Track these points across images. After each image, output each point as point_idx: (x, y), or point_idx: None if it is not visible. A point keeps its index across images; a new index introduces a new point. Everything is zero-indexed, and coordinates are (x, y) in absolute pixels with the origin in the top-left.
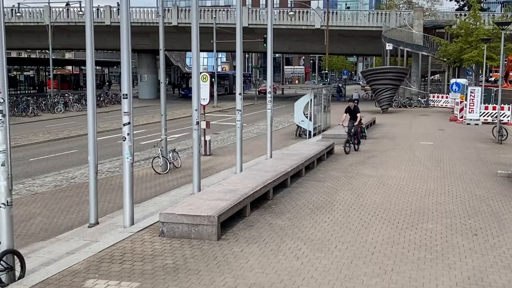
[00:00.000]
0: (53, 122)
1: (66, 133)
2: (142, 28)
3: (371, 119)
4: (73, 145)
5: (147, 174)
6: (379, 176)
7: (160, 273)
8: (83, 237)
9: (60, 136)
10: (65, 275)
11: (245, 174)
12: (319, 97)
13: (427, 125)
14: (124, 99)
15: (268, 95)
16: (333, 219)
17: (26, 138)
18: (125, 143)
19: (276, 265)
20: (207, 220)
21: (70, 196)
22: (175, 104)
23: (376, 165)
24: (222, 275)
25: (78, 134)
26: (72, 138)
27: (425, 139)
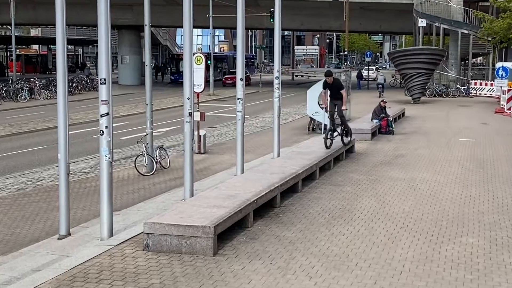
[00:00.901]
0: (15, 112)
1: (31, 125)
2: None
3: (400, 111)
4: (40, 140)
5: (129, 176)
6: (409, 179)
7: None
8: (51, 251)
9: (24, 129)
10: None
11: (247, 176)
12: None
13: (468, 118)
14: (102, 85)
15: (276, 81)
16: (353, 231)
17: None
18: (102, 137)
19: (284, 285)
20: (201, 231)
21: (36, 201)
22: (163, 91)
23: (405, 166)
24: None
25: (46, 127)
26: (38, 131)
27: (465, 135)
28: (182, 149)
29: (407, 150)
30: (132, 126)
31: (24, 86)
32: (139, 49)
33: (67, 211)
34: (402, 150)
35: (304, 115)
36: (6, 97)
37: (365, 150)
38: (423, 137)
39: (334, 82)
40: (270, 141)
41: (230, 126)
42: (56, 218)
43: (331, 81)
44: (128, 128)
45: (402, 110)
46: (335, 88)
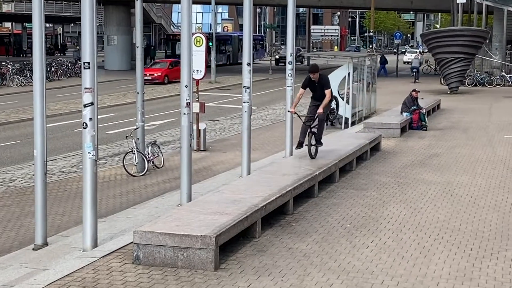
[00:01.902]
0: None
1: (2, 117)
2: None
3: (434, 102)
4: (12, 134)
5: (116, 176)
6: (445, 183)
7: None
8: (25, 263)
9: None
10: None
11: (255, 178)
12: (361, 71)
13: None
14: (86, 70)
15: (289, 66)
16: (378, 243)
17: None
18: (86, 131)
19: None
20: (201, 242)
21: (8, 205)
22: None
23: (440, 168)
24: None
25: (20, 119)
26: (10, 124)
27: (510, 132)
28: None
29: (442, 148)
30: (120, 118)
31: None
32: (128, 28)
33: (44, 217)
34: (437, 148)
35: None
36: None
37: (393, 148)
38: (461, 133)
39: (321, 80)
40: (281, 137)
41: (234, 119)
42: (31, 225)
43: (316, 78)
44: (116, 120)
45: (437, 101)
46: (320, 88)
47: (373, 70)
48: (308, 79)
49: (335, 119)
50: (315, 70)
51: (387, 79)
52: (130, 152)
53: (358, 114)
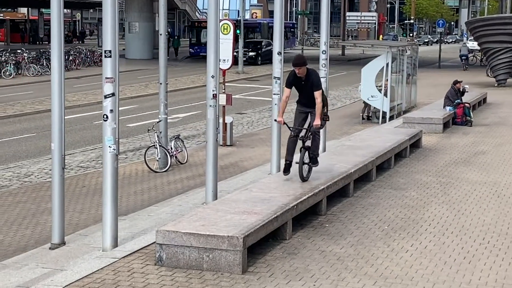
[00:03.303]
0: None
1: (17, 108)
2: None
3: (480, 96)
4: (28, 126)
5: (137, 172)
6: (491, 183)
7: None
8: (42, 264)
9: (8, 113)
10: None
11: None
12: (400, 61)
13: None
14: (107, 59)
15: (322, 55)
16: (418, 247)
17: None
18: (106, 124)
19: None
20: (228, 243)
21: (23, 202)
22: (179, 67)
23: (486, 167)
24: None
25: (36, 110)
26: (26, 115)
27: None
28: (203, 140)
29: (489, 146)
30: (141, 110)
31: (9, 59)
32: (151, 15)
33: (62, 215)
34: (483, 145)
35: (357, 100)
36: None
37: (435, 145)
38: (509, 130)
39: (309, 77)
40: None
41: (263, 112)
42: (48, 223)
43: (303, 73)
44: (137, 113)
45: (483, 95)
46: (309, 87)
47: (414, 61)
48: (293, 75)
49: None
50: (301, 62)
51: (429, 71)
52: (152, 147)
53: (396, 108)
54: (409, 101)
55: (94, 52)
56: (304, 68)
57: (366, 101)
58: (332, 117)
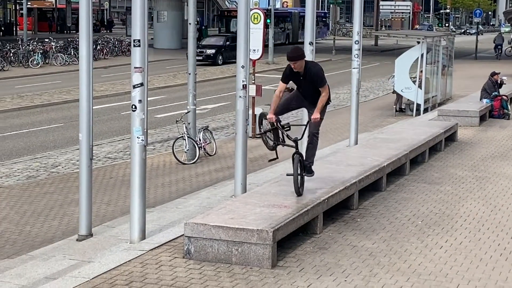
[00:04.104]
0: (26, 80)
1: (45, 97)
2: None
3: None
4: (55, 116)
5: (165, 164)
6: None
7: None
8: (69, 255)
9: (36, 103)
10: None
11: (316, 169)
12: (435, 52)
13: None
14: (136, 48)
15: (355, 45)
16: (453, 243)
17: None
18: (135, 114)
19: None
20: (257, 237)
21: (51, 192)
22: None
23: None
24: None
25: (64, 100)
26: (54, 105)
27: None
28: (232, 131)
29: None
30: (169, 101)
31: (36, 48)
32: (180, 3)
33: (89, 206)
34: None
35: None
36: (15, 62)
37: (470, 138)
38: None
39: (308, 72)
40: (345, 124)
41: None
42: (75, 214)
43: (301, 68)
44: (165, 103)
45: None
46: (309, 83)
47: (450, 52)
48: (290, 69)
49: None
50: (297, 56)
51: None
52: (180, 138)
53: (431, 100)
54: (444, 93)
55: (122, 42)
56: (301, 62)
57: (400, 93)
58: (364, 109)
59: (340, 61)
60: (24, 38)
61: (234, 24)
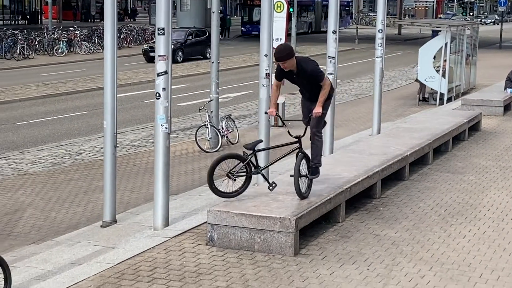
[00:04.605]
0: (51, 68)
1: (70, 85)
2: None
3: None
4: (80, 104)
5: (188, 152)
6: None
7: None
8: (94, 241)
9: (61, 90)
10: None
11: (338, 158)
12: (459, 41)
13: None
14: (160, 36)
15: (379, 34)
16: (477, 232)
17: (11, 92)
18: (159, 102)
19: None
20: (280, 225)
21: (75, 179)
22: (231, 46)
23: None
24: None
25: (88, 88)
26: (78, 93)
27: None
28: (255, 120)
29: None
30: (192, 89)
31: (61, 37)
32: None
33: (113, 193)
34: None
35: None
36: (40, 50)
37: (494, 128)
38: None
39: (301, 68)
40: (367, 113)
41: None
42: (99, 201)
43: (292, 67)
44: (188, 92)
45: None
46: (304, 80)
47: (474, 41)
48: (280, 68)
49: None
50: (285, 56)
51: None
52: (203, 126)
53: (455, 90)
54: (468, 82)
55: (146, 30)
56: (290, 61)
57: (423, 82)
58: (387, 98)
59: (363, 50)
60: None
61: (257, 13)
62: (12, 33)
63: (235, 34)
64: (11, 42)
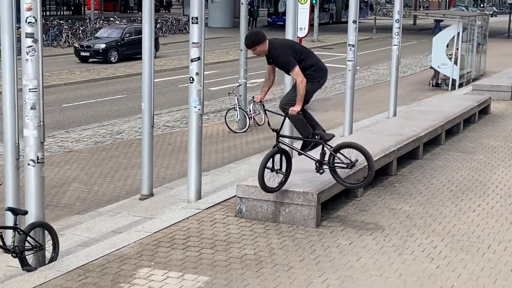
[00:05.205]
0: None
1: (110, 71)
2: None
3: None
4: (119, 87)
5: (218, 132)
6: None
7: (236, 266)
8: (133, 212)
9: (102, 75)
10: (111, 261)
11: (357, 138)
12: (471, 31)
13: None
14: (194, 25)
15: (396, 24)
16: (485, 207)
17: (57, 77)
18: (192, 86)
19: (400, 266)
20: (303, 198)
21: (116, 156)
22: None
23: None
24: (322, 274)
25: (127, 74)
26: (118, 78)
27: None
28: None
29: None
30: (222, 75)
31: (103, 26)
32: None
33: (151, 169)
34: None
35: (427, 68)
36: (83, 38)
37: (503, 111)
38: None
39: (272, 55)
40: (384, 98)
41: (336, 78)
42: (138, 176)
43: (263, 52)
44: (218, 77)
45: None
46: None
47: (484, 31)
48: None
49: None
50: (252, 42)
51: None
52: (232, 109)
53: (466, 76)
54: (478, 69)
55: (180, 21)
56: (260, 46)
57: (437, 69)
58: (403, 84)
59: (380, 39)
60: (91, 17)
61: (282, 5)
62: (58, 23)
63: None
64: (57, 31)
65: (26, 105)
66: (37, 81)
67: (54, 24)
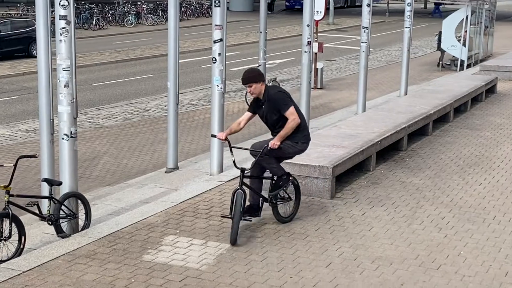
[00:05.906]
0: (122, 37)
1: (138, 52)
2: None
3: None
4: (146, 68)
5: (239, 110)
6: None
7: (256, 234)
8: (159, 184)
9: (130, 56)
10: (139, 228)
11: (370, 115)
12: (479, 14)
13: None
14: (216, 8)
15: (407, 7)
16: (491, 181)
17: (88, 57)
18: (215, 66)
19: (409, 235)
20: (318, 172)
21: (143, 132)
22: (276, 19)
23: None
24: (336, 242)
25: (154, 55)
26: (145, 59)
27: None
28: (297, 83)
29: None
30: (243, 56)
31: (130, 10)
32: None
33: (176, 144)
34: None
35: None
36: (112, 21)
37: (509, 90)
38: None
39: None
40: (395, 78)
41: (350, 59)
42: (163, 150)
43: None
44: (239, 58)
45: None
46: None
47: (492, 14)
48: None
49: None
50: (251, 77)
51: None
52: None
53: (474, 57)
54: (486, 50)
55: (203, 5)
56: (257, 85)
57: (446, 50)
58: (413, 64)
59: (392, 22)
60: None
61: None
62: (89, 6)
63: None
64: (88, 14)
65: (60, 83)
66: (70, 60)
67: (85, 8)
